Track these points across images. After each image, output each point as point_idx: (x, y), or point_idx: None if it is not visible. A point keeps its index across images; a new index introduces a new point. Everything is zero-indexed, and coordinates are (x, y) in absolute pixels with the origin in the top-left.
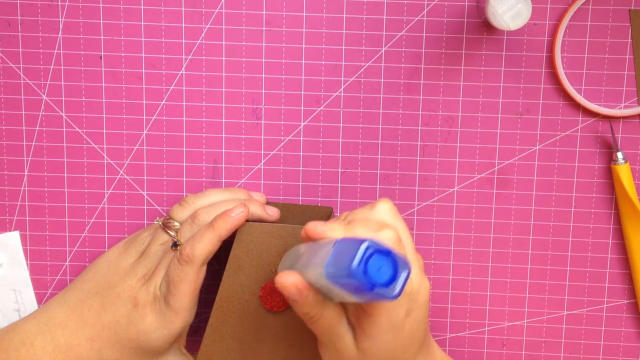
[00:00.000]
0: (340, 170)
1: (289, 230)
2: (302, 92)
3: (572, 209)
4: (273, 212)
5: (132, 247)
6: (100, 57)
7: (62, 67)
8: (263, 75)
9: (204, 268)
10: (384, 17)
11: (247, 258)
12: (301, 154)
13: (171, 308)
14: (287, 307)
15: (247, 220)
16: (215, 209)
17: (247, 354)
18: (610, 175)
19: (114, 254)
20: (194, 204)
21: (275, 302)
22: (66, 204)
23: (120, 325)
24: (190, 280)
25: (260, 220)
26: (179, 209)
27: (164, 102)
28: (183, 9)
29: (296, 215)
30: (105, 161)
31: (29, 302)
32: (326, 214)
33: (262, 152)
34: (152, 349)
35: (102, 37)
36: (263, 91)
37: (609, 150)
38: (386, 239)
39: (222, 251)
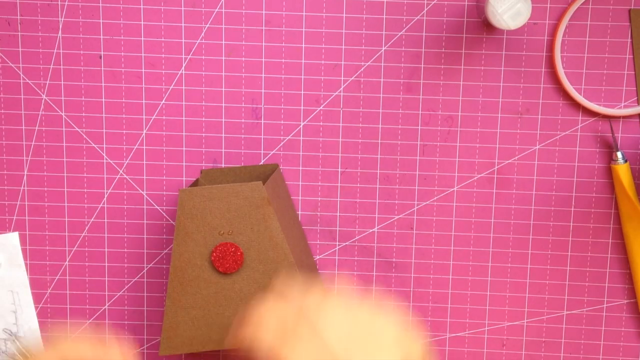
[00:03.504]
0: (340, 170)
1: (229, 190)
2: (302, 92)
3: (572, 209)
4: None
5: None
6: (100, 57)
7: (61, 67)
8: (263, 75)
9: None
10: (384, 16)
11: (193, 224)
12: (301, 153)
13: None
14: (241, 268)
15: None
16: None
17: (210, 320)
18: (610, 175)
19: None
20: None
21: (228, 264)
22: (66, 204)
23: None
24: None
25: None
26: None
27: (163, 101)
28: (183, 8)
29: (243, 177)
30: (105, 161)
31: (26, 303)
32: (271, 171)
33: (262, 151)
34: None
35: (101, 37)
36: (263, 91)
37: (608, 150)
38: None
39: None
